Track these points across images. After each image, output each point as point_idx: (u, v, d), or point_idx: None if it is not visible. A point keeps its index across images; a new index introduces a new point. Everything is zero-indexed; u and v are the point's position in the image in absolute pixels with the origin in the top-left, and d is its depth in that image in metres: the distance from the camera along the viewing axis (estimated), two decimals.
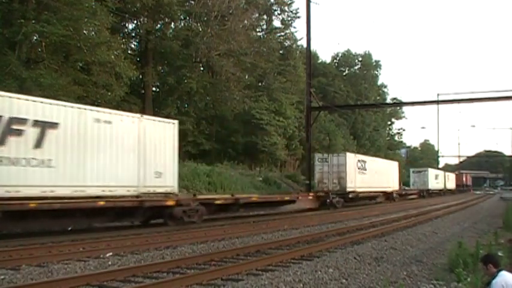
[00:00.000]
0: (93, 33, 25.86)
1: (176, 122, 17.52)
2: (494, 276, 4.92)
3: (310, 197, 27.11)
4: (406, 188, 59.23)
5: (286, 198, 24.09)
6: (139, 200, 15.02)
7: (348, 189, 29.29)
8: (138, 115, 16.35)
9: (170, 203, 15.83)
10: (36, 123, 12.51)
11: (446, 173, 68.32)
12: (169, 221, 15.75)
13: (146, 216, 15.85)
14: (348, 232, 15.36)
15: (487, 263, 5.12)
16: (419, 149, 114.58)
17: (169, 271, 8.69)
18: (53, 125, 12.93)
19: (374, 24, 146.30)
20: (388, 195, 37.68)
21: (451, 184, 70.35)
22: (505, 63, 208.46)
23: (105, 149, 14.32)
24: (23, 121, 12.24)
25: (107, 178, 14.23)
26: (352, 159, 30.50)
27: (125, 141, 14.96)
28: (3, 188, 11.70)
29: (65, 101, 14.87)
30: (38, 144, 12.54)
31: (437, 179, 59.13)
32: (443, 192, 61.32)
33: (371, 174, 33.10)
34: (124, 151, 14.91)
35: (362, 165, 32.16)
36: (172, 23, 37.72)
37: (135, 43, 37.89)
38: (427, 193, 52.28)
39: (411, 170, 57.87)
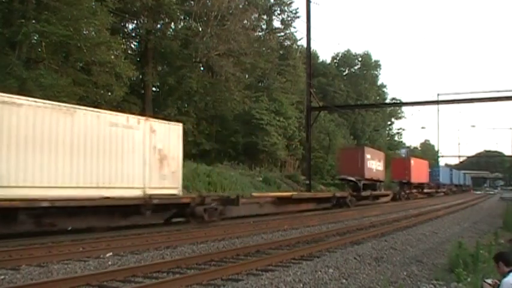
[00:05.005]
0: (93, 33, 25.84)
1: None
2: (505, 275, 4.87)
3: None
4: None
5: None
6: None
7: None
8: None
9: None
10: None
11: None
12: None
13: None
14: (348, 232, 15.36)
15: (498, 260, 5.07)
16: (419, 149, 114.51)
17: (169, 271, 8.69)
18: None
19: (374, 24, 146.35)
20: None
21: None
22: (505, 63, 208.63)
23: None
24: None
25: None
26: None
27: None
28: None
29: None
30: None
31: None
32: None
33: None
34: None
35: None
36: (172, 23, 37.72)
37: (135, 43, 37.89)
38: None
39: None
